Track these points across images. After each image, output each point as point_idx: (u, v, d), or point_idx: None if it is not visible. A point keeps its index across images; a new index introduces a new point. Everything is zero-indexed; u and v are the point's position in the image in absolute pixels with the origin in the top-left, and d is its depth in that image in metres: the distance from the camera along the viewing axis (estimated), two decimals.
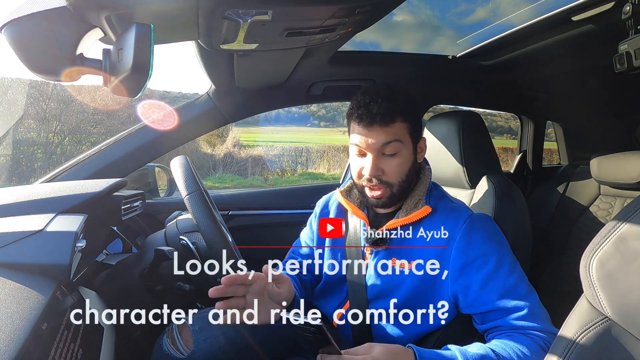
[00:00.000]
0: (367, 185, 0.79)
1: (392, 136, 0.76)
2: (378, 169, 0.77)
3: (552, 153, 2.37)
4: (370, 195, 0.79)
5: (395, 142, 0.76)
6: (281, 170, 8.56)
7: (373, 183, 0.78)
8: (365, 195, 0.80)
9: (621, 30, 0.78)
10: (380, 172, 0.77)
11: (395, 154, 0.77)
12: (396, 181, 0.78)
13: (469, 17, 1.34)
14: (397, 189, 0.79)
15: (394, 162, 0.77)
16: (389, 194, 0.78)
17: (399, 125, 0.76)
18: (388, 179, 0.78)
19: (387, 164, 0.77)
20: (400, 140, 0.76)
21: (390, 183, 0.78)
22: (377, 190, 0.78)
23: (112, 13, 0.52)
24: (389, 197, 0.79)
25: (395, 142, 0.76)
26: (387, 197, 0.79)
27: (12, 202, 0.82)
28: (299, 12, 0.68)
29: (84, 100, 6.46)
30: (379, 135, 0.75)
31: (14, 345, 0.46)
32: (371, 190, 0.79)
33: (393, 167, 0.77)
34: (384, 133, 0.75)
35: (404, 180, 0.79)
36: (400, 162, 0.77)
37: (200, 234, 0.83)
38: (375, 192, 0.78)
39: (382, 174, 0.77)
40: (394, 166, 0.77)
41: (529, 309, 0.69)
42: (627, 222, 0.46)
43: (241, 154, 8.48)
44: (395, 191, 0.79)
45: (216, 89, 1.23)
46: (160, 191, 1.46)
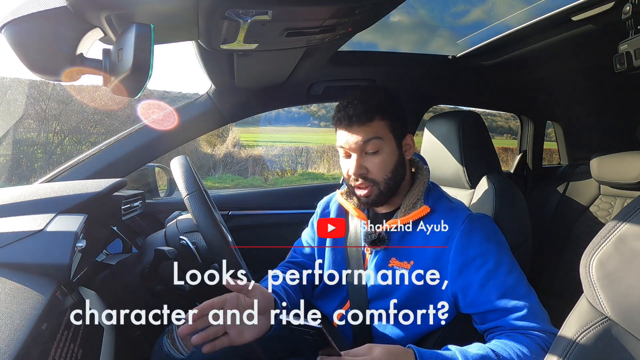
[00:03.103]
0: (355, 184, 0.81)
1: (371, 134, 0.77)
2: (362, 167, 0.78)
3: (552, 153, 2.38)
4: (359, 195, 0.81)
5: (374, 139, 0.77)
6: (281, 170, 8.56)
7: (359, 182, 0.79)
8: (356, 195, 0.82)
9: (621, 30, 0.78)
10: (364, 170, 0.79)
11: (377, 151, 0.78)
12: (381, 178, 0.79)
13: (469, 18, 1.34)
14: (384, 186, 0.79)
15: (376, 160, 0.78)
16: (376, 192, 0.80)
17: (377, 123, 0.78)
18: (373, 176, 0.79)
19: (370, 162, 0.79)
20: (379, 137, 0.78)
21: (376, 180, 0.79)
22: (364, 189, 0.80)
23: (112, 13, 0.52)
24: (377, 195, 0.80)
25: (375, 139, 0.77)
26: (375, 195, 0.80)
27: (12, 202, 0.82)
28: (299, 12, 0.68)
29: (84, 100, 6.46)
30: (358, 135, 0.77)
31: (14, 345, 0.46)
32: (358, 189, 0.81)
33: (376, 165, 0.78)
34: (362, 132, 0.77)
35: (390, 177, 0.79)
36: (383, 159, 0.78)
37: (200, 234, 0.83)
38: (362, 191, 0.80)
39: (367, 172, 0.79)
40: (376, 163, 0.78)
41: (528, 309, 0.69)
42: (627, 222, 0.46)
43: (241, 154, 8.47)
44: (382, 189, 0.79)
45: (216, 89, 1.23)
46: (160, 191, 1.46)
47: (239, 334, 0.68)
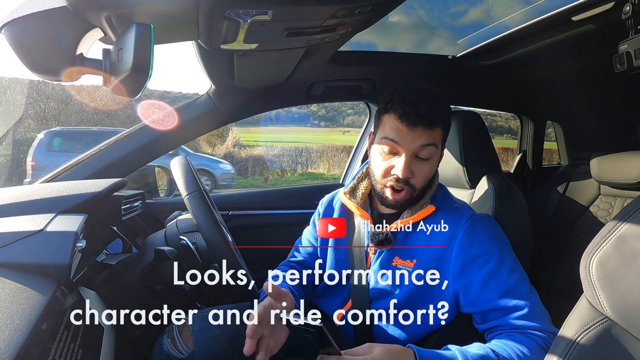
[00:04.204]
0: (393, 184, 0.77)
1: (432, 140, 0.75)
2: (410, 171, 0.75)
3: (552, 153, 2.38)
4: (392, 197, 0.78)
5: (432, 146, 0.75)
6: (281, 170, 8.57)
7: (400, 184, 0.76)
8: (384, 195, 0.79)
9: (621, 30, 0.78)
10: (411, 174, 0.76)
11: (428, 158, 0.76)
12: (420, 185, 0.77)
13: (469, 18, 1.34)
14: (417, 193, 0.78)
15: (425, 167, 0.76)
16: (409, 197, 0.78)
17: (438, 130, 0.76)
18: (415, 182, 0.77)
19: (419, 167, 0.76)
20: (436, 145, 0.76)
21: (415, 186, 0.77)
22: (400, 192, 0.77)
23: (112, 13, 0.52)
24: (407, 200, 0.78)
25: (432, 146, 0.75)
26: (407, 199, 0.78)
27: (12, 202, 0.82)
28: (299, 12, 0.68)
29: (84, 100, 6.46)
30: (420, 137, 0.74)
31: (14, 345, 0.46)
32: (394, 191, 0.77)
33: (423, 172, 0.76)
34: (425, 135, 0.74)
35: (426, 185, 0.78)
36: (431, 167, 0.77)
37: (201, 234, 0.83)
38: (397, 194, 0.77)
39: (412, 176, 0.76)
40: (424, 170, 0.76)
41: (529, 309, 0.69)
42: (627, 222, 0.46)
43: (241, 154, 8.47)
44: (415, 195, 0.78)
45: (216, 89, 1.23)
46: (160, 191, 1.46)
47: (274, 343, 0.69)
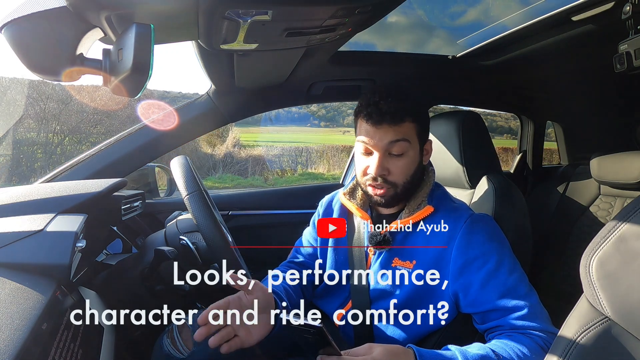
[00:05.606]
0: (372, 184, 0.79)
1: (400, 135, 0.75)
2: (384, 168, 0.76)
3: (552, 153, 2.37)
4: (374, 194, 0.79)
5: (402, 141, 0.76)
6: (281, 170, 8.56)
7: (377, 182, 0.77)
8: (369, 193, 0.80)
9: (621, 30, 0.78)
10: (386, 171, 0.77)
11: (402, 154, 0.77)
12: (401, 182, 0.78)
13: (469, 18, 1.34)
14: (401, 190, 0.78)
15: (400, 162, 0.77)
16: (392, 194, 0.78)
17: (407, 125, 0.76)
18: (393, 178, 0.77)
19: (393, 164, 0.77)
20: (407, 140, 0.76)
21: (395, 183, 0.78)
22: (381, 189, 0.78)
23: (112, 13, 0.52)
24: (392, 197, 0.79)
25: (403, 141, 0.76)
26: (391, 196, 0.78)
27: (12, 202, 0.82)
28: (299, 12, 0.68)
29: (84, 100, 6.46)
30: (387, 134, 0.75)
31: (14, 345, 0.46)
32: (374, 188, 0.79)
33: (399, 167, 0.77)
34: (392, 131, 0.75)
35: (409, 181, 0.78)
36: (407, 162, 0.77)
37: (201, 234, 0.83)
38: (379, 191, 0.78)
39: (388, 173, 0.77)
40: (400, 166, 0.77)
41: (529, 309, 0.69)
42: (627, 222, 0.46)
43: (241, 154, 8.47)
44: (399, 191, 0.78)
45: (216, 89, 1.23)
46: (160, 191, 1.46)
47: (247, 335, 0.68)
